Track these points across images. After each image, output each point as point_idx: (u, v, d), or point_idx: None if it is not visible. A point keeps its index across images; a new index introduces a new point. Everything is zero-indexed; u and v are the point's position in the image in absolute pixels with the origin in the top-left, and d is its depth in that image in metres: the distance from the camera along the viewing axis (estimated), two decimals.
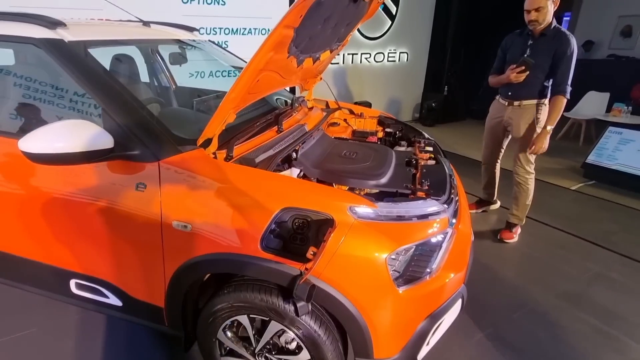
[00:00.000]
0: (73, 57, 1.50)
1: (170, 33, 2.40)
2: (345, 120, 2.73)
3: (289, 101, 2.50)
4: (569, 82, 2.69)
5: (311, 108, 2.66)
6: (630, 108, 5.70)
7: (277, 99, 2.56)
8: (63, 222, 1.64)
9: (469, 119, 7.69)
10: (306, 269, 1.28)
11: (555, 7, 2.66)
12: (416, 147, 2.28)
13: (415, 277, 1.41)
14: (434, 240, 1.45)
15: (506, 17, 7.80)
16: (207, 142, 1.51)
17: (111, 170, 1.49)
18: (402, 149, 2.37)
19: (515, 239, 3.23)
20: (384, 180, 1.77)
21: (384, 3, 6.20)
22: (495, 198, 3.78)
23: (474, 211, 3.71)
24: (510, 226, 3.25)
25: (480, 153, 3.63)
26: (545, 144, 2.80)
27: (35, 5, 3.50)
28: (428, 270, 1.44)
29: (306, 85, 2.60)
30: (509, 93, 2.97)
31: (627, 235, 3.40)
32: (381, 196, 1.81)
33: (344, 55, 6.06)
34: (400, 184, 1.74)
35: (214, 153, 1.51)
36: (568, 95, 2.72)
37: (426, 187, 1.68)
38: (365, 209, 1.37)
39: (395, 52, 6.69)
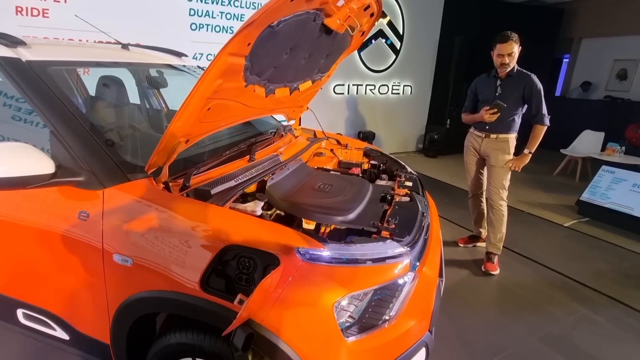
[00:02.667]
0: (27, 76, 1.33)
1: (155, 57, 2.25)
2: (331, 150, 2.50)
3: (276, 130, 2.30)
4: (544, 111, 2.78)
5: (297, 137, 2.45)
6: (623, 148, 5.28)
7: (270, 130, 2.36)
8: (7, 248, 1.44)
9: None
10: (245, 315, 1.04)
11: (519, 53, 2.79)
12: (396, 181, 2.02)
13: (372, 324, 1.16)
14: (392, 285, 1.19)
15: None
16: (160, 171, 1.30)
17: (55, 196, 1.29)
18: (383, 182, 2.11)
19: (498, 270, 2.95)
20: (351, 216, 1.52)
21: (389, 38, 6.06)
22: (485, 233, 3.45)
23: (464, 245, 3.38)
24: (490, 257, 3.00)
25: None
26: (522, 164, 2.92)
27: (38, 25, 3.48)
28: (386, 317, 1.19)
29: (292, 114, 2.39)
30: (487, 127, 3.01)
31: (616, 277, 3.01)
32: (345, 234, 1.56)
33: (349, 86, 5.89)
34: (368, 221, 1.49)
35: (166, 182, 1.30)
36: (547, 122, 2.80)
37: (392, 226, 1.42)
38: (314, 251, 1.12)
39: (399, 85, 6.48)
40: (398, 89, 6.50)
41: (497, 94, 2.91)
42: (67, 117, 1.30)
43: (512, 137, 2.98)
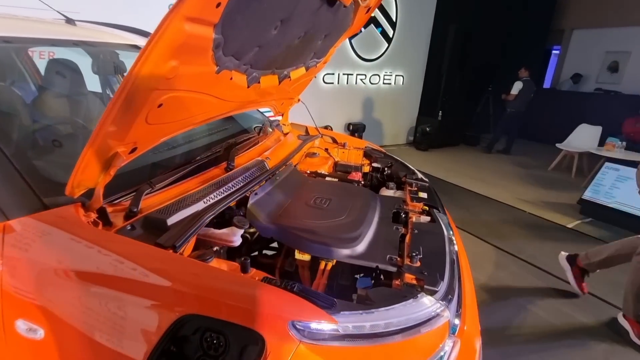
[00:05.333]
0: None
1: (117, 36, 1.78)
2: (326, 150, 2.12)
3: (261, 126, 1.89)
4: None
5: (286, 134, 2.04)
6: (624, 143, 5.07)
7: (255, 126, 1.94)
8: None
9: (462, 145, 7.06)
10: None
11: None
12: (407, 191, 1.65)
13: None
14: None
15: (499, 50, 7.30)
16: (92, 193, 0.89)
17: None
18: (390, 192, 1.74)
19: None
20: (361, 247, 1.15)
21: (381, 26, 5.64)
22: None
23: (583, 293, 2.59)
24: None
25: (475, 182, 2.94)
26: None
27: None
28: None
29: (280, 107, 1.99)
30: None
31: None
32: (350, 270, 1.19)
33: (339, 75, 5.46)
34: (383, 253, 1.12)
35: (101, 210, 0.89)
36: None
37: (417, 264, 1.06)
38: (318, 325, 0.74)
39: (391, 75, 6.10)
40: (390, 79, 6.12)
41: None
42: None
43: None
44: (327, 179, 1.82)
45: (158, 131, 0.93)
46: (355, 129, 5.70)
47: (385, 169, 1.98)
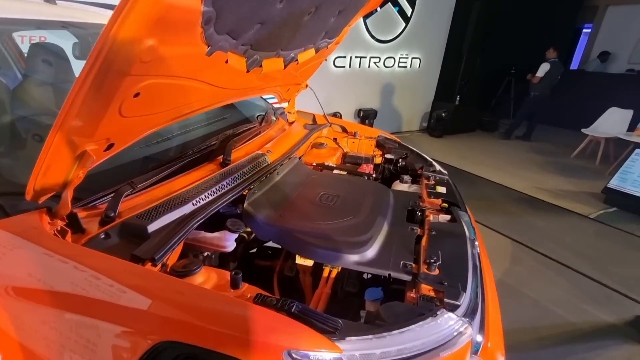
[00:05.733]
0: None
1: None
2: (335, 140, 1.97)
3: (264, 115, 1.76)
4: None
5: (292, 123, 1.91)
6: None
7: (258, 114, 1.81)
8: None
9: (479, 131, 6.77)
10: None
11: None
12: (423, 185, 1.51)
13: None
14: None
15: (525, 30, 6.86)
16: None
17: None
18: (405, 186, 1.60)
19: None
20: (371, 252, 1.03)
21: (399, 4, 5.34)
22: None
23: None
24: None
25: (491, 170, 2.76)
26: None
27: None
28: None
29: (285, 94, 1.84)
30: None
31: None
32: (359, 278, 1.07)
33: (351, 58, 5.23)
34: (397, 259, 1.00)
35: (72, 215, 0.79)
36: None
37: (435, 272, 0.94)
38: (320, 355, 0.63)
39: (407, 58, 5.81)
40: (405, 62, 5.83)
41: None
42: None
43: None
44: (335, 172, 1.68)
45: (137, 125, 0.81)
46: (366, 116, 5.49)
47: (400, 160, 1.84)
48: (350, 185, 1.45)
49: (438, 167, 1.71)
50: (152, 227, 0.85)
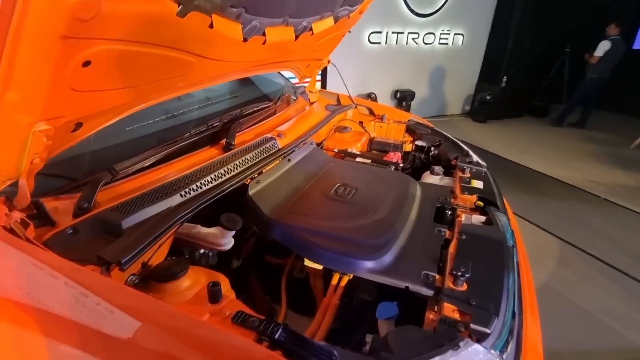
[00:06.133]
0: None
1: None
2: (360, 123, 1.78)
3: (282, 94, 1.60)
4: None
5: (313, 103, 1.74)
6: None
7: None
8: None
9: (527, 117, 6.18)
10: None
11: None
12: (457, 178, 1.30)
13: None
14: None
15: (582, 3, 6.03)
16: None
17: None
18: (435, 179, 1.39)
19: None
20: (388, 258, 0.87)
21: None
22: None
23: None
24: None
25: (539, 160, 2.45)
26: None
27: None
28: None
29: (305, 71, 1.67)
30: None
31: None
32: (379, 290, 0.91)
33: (387, 34, 4.87)
34: (417, 267, 0.84)
35: (37, 204, 0.69)
36: None
37: (463, 288, 0.76)
38: None
39: (448, 34, 5.35)
40: (447, 39, 5.38)
41: None
42: None
43: None
44: (358, 159, 1.50)
45: (103, 101, 0.69)
46: (403, 97, 5.16)
47: (432, 148, 1.62)
48: (372, 176, 1.27)
49: (475, 158, 1.48)
50: (127, 222, 0.74)
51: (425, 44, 5.23)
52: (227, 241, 0.91)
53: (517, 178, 3.78)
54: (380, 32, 4.81)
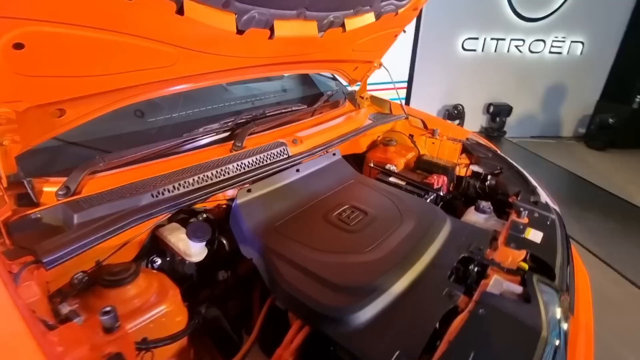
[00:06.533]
0: None
1: None
2: (411, 137, 1.55)
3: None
4: None
5: (361, 110, 1.58)
6: None
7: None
8: None
9: None
10: None
11: None
12: (509, 224, 1.00)
13: None
14: None
15: None
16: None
17: None
18: (479, 218, 1.11)
19: None
20: (363, 316, 0.70)
21: None
22: None
23: None
24: None
25: None
26: None
27: None
28: None
29: (353, 74, 1.52)
30: None
31: None
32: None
33: (485, 40, 4.32)
34: (394, 344, 0.65)
35: (23, 182, 0.71)
36: None
37: None
38: None
39: (563, 41, 4.52)
40: (560, 47, 4.56)
41: None
42: None
43: None
44: (391, 179, 1.30)
45: (60, 88, 0.66)
46: (497, 112, 4.54)
47: (489, 177, 1.31)
48: (393, 201, 1.06)
49: (545, 198, 1.15)
50: (82, 217, 0.71)
51: (532, 52, 4.53)
52: (195, 252, 0.82)
53: None
54: (476, 39, 4.32)
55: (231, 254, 0.95)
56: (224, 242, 0.94)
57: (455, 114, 4.36)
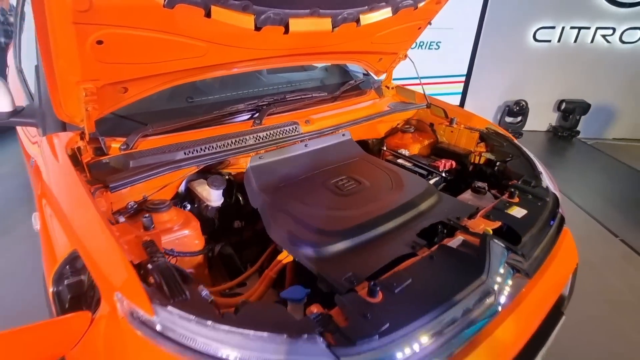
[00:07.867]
0: None
1: None
2: (431, 125, 1.65)
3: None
4: None
5: (383, 98, 1.73)
6: None
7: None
8: None
9: None
10: None
11: None
12: (497, 202, 1.10)
13: None
14: None
15: None
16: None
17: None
18: (472, 196, 1.21)
19: None
20: (331, 250, 0.90)
21: None
22: None
23: None
24: None
25: None
26: None
27: None
28: None
29: (378, 65, 1.66)
30: None
31: None
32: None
33: (563, 29, 3.97)
34: (350, 268, 0.84)
35: (94, 140, 1.04)
36: None
37: (378, 299, 0.73)
38: (136, 311, 0.64)
39: None
40: None
41: None
42: None
43: None
44: (399, 161, 1.44)
45: (126, 71, 0.96)
46: (570, 110, 4.17)
47: (498, 163, 1.38)
48: (389, 177, 1.22)
49: (547, 183, 1.19)
50: (135, 163, 1.01)
51: (623, 42, 4.05)
52: (214, 199, 1.09)
53: None
54: (553, 28, 4.01)
55: (246, 209, 1.20)
56: (240, 197, 1.20)
57: (516, 110, 4.07)
